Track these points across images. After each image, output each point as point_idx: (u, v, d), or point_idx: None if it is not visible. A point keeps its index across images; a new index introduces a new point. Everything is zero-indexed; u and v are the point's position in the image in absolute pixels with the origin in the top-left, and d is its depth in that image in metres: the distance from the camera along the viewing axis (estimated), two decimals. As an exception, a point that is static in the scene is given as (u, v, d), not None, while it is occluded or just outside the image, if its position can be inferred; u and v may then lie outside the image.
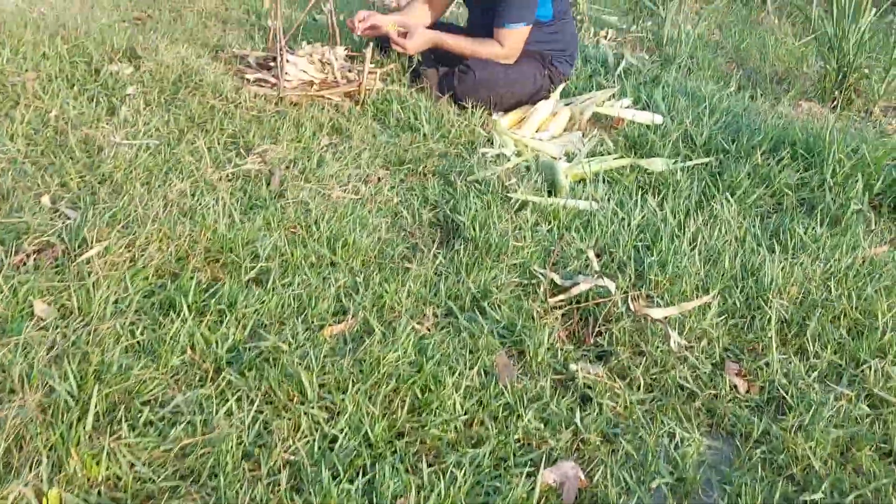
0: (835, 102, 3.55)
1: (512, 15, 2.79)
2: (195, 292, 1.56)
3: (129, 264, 1.64)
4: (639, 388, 1.54)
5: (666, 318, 1.70)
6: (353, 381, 1.41)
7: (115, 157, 2.09)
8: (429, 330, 1.63)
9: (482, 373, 1.51)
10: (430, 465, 1.28)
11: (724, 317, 1.74)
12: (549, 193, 2.29)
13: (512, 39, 2.84)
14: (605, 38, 3.82)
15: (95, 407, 1.25)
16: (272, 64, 2.90)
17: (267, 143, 2.35)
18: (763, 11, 4.95)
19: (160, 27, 3.26)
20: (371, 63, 2.89)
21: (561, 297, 1.77)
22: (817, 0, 3.56)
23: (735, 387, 1.57)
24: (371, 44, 2.87)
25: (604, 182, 2.38)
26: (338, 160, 2.32)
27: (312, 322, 1.57)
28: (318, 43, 2.97)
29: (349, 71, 2.93)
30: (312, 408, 1.35)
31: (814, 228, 2.11)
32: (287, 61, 2.80)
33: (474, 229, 1.99)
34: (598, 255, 1.98)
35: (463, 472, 1.25)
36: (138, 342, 1.44)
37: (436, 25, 3.15)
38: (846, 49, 3.48)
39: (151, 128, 2.34)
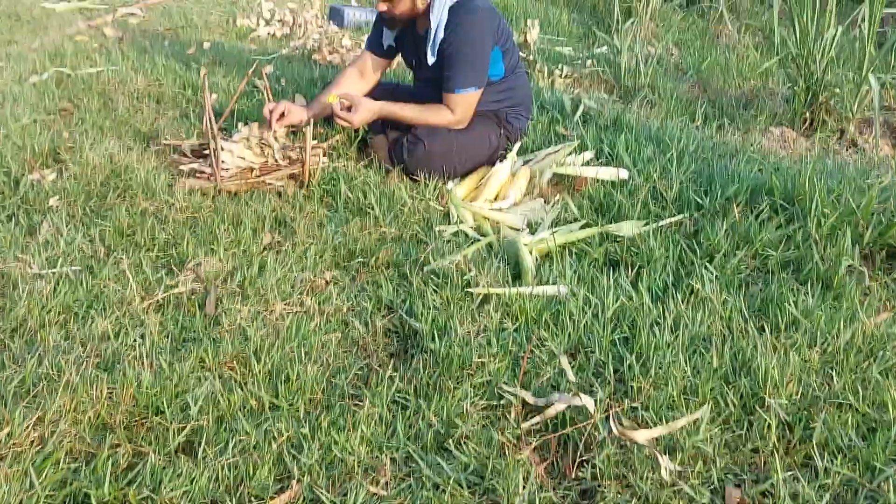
0: (806, 124, 3.40)
1: (462, 80, 2.61)
2: (112, 479, 1.35)
3: (37, 448, 1.42)
4: (631, 535, 1.35)
5: (654, 438, 1.51)
6: (298, 580, 1.21)
7: (31, 295, 1.87)
8: (387, 486, 1.43)
9: (450, 540, 1.31)
10: None
11: (717, 427, 1.56)
12: (514, 277, 2.11)
13: (463, 105, 2.66)
14: (561, 76, 3.66)
15: None
16: (207, 151, 2.70)
17: (202, 251, 2.15)
18: (721, 25, 4.82)
19: (88, 118, 3.05)
20: (313, 139, 2.70)
21: (535, 419, 1.58)
22: (779, 19, 3.41)
23: (739, 520, 1.38)
24: (312, 120, 2.67)
25: (571, 255, 2.20)
26: (281, 263, 2.12)
27: (250, 500, 1.36)
28: (255, 123, 2.77)
29: (291, 150, 2.73)
30: None
31: (805, 296, 1.94)
32: (222, 149, 2.60)
33: (434, 338, 1.79)
34: (572, 355, 1.79)
35: None
36: (43, 560, 1.22)
37: (381, 86, 2.97)
38: (813, 67, 3.34)
39: (74, 248, 2.13)
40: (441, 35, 2.59)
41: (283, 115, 2.68)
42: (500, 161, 2.78)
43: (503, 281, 2.07)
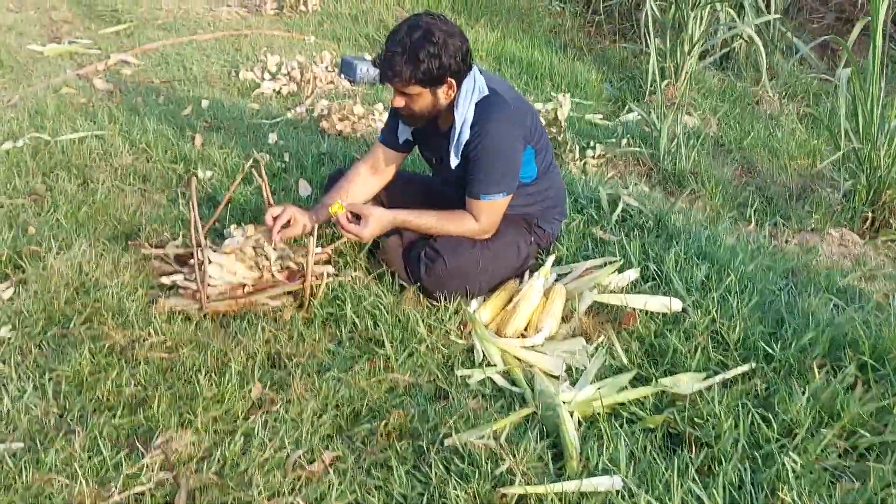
0: (867, 223, 3.04)
1: (489, 185, 2.25)
2: None
3: None
4: None
5: None
6: None
7: (-44, 490, 1.51)
8: None
9: None
10: None
11: None
12: (556, 456, 1.74)
13: (489, 212, 2.30)
14: (593, 156, 3.30)
15: None
16: (193, 261, 2.33)
17: (176, 415, 1.78)
18: (761, 89, 4.47)
19: (62, 204, 2.69)
20: (317, 247, 2.34)
21: None
22: (842, 105, 3.05)
23: None
24: (314, 229, 2.31)
25: (621, 420, 1.84)
26: (270, 433, 1.75)
27: None
28: (251, 226, 2.41)
29: (290, 258, 2.37)
30: None
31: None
32: (209, 262, 2.24)
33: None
34: None
35: None
36: None
37: (397, 177, 2.60)
38: (877, 161, 2.98)
39: (20, 409, 1.76)
40: (466, 135, 2.24)
41: (287, 222, 2.32)
42: (530, 274, 2.43)
43: (543, 467, 1.69)
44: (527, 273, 2.44)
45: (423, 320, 2.19)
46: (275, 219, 2.32)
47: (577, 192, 2.90)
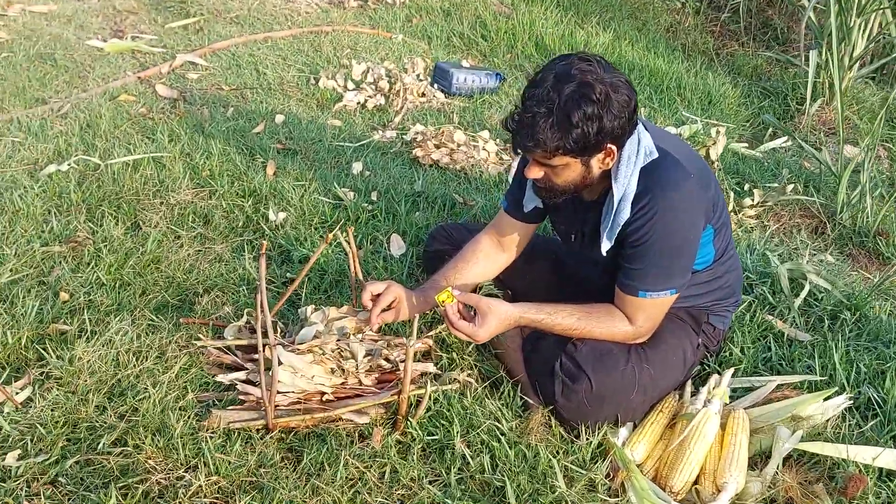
0: None
1: (655, 281, 1.65)
2: None
3: None
4: None
5: None
6: None
7: None
8: None
9: None
10: None
11: None
12: None
13: (650, 313, 1.70)
14: (751, 206, 2.64)
15: None
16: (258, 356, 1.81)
17: None
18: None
19: (105, 255, 2.21)
20: (417, 341, 1.78)
21: None
22: None
23: None
24: (416, 319, 1.74)
25: None
26: None
27: None
28: (332, 308, 1.87)
29: (382, 355, 1.82)
30: None
31: None
32: (279, 362, 1.71)
33: None
34: None
35: None
36: None
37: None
38: None
39: None
40: (626, 213, 1.63)
41: (389, 305, 1.79)
42: (692, 384, 1.83)
43: None
44: (689, 388, 1.84)
45: (557, 461, 1.61)
46: (375, 298, 1.78)
47: (742, 261, 2.25)
